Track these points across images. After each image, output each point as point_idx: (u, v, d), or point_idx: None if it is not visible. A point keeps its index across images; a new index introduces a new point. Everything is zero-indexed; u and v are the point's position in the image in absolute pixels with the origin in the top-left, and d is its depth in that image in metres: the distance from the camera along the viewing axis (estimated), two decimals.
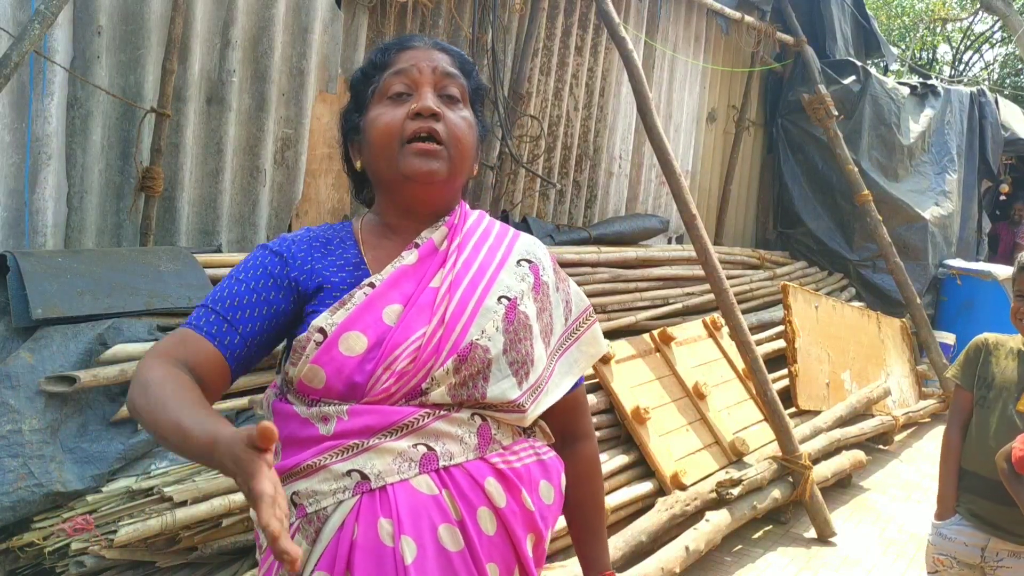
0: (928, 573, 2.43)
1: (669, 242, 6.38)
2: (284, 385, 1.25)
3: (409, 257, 1.26)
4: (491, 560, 1.20)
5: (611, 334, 4.43)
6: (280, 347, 1.31)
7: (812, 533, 4.02)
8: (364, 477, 1.16)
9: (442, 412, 1.20)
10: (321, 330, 1.18)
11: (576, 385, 1.41)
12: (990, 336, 2.35)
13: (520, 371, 1.25)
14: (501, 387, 1.23)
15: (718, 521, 3.56)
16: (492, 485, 1.21)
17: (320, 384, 1.18)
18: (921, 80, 8.36)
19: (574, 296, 1.43)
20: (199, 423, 1.00)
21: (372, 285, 1.22)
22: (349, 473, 1.16)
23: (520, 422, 1.28)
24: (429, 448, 1.19)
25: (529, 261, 1.35)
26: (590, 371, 3.83)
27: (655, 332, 4.38)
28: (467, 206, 1.38)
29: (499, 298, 1.27)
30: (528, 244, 1.39)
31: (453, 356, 1.20)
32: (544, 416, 1.36)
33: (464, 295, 1.24)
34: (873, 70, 7.36)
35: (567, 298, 1.41)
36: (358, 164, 1.33)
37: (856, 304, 6.45)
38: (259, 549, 1.29)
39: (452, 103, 1.28)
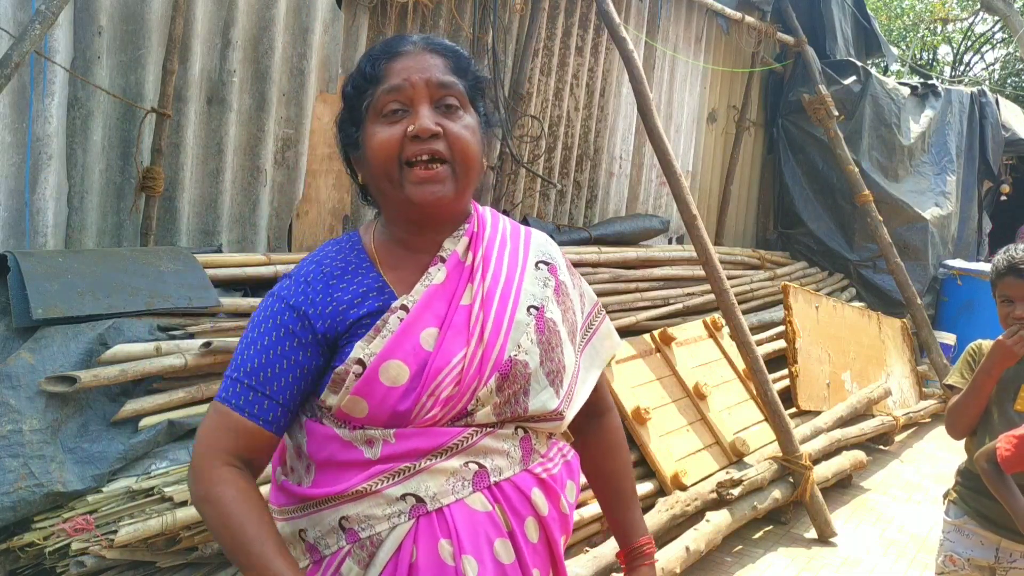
0: (936, 574, 2.42)
1: (670, 242, 6.38)
2: (318, 408, 1.21)
3: (438, 275, 1.22)
4: (535, 566, 1.23)
5: None
6: None
7: (812, 533, 4.02)
8: (419, 500, 1.16)
9: (487, 429, 1.20)
10: (359, 361, 1.16)
11: None
12: (983, 343, 2.37)
13: (556, 380, 1.25)
14: (541, 399, 1.23)
15: (718, 521, 3.56)
16: (537, 495, 1.23)
17: (362, 414, 1.17)
18: (922, 80, 8.36)
19: (586, 289, 1.43)
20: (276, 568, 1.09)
21: (405, 308, 1.19)
22: (403, 497, 1.16)
23: (558, 429, 1.29)
24: (480, 465, 1.19)
25: (547, 263, 1.33)
26: None
27: (655, 332, 4.38)
28: (480, 208, 1.34)
29: (528, 308, 1.25)
30: (541, 243, 1.37)
31: (495, 374, 1.19)
32: None
33: (498, 310, 1.22)
34: (874, 70, 7.36)
35: (581, 291, 1.41)
36: (360, 178, 1.29)
37: (856, 304, 6.45)
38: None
39: (451, 112, 1.22)
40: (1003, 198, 8.97)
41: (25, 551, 2.31)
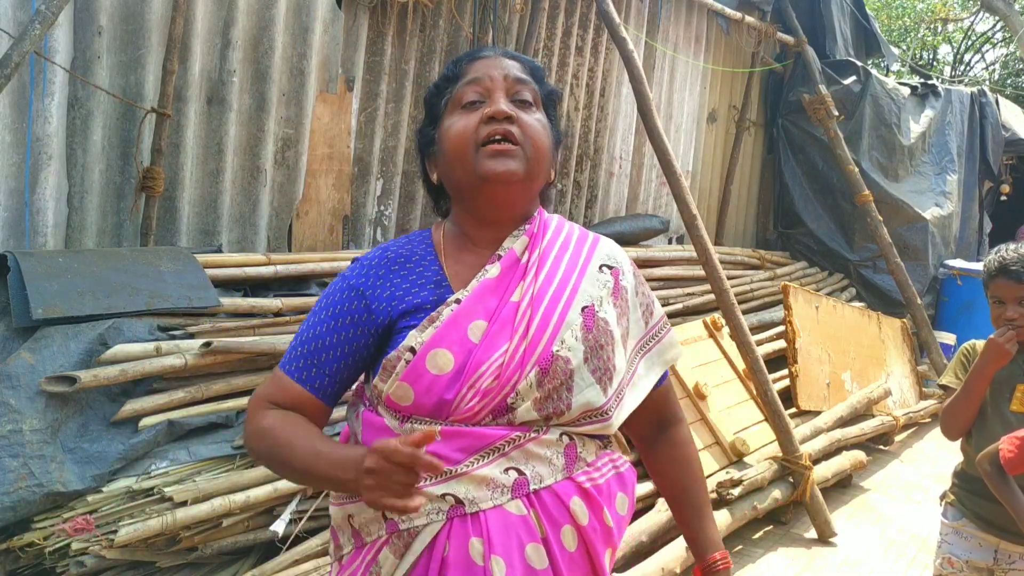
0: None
1: (670, 242, 6.38)
2: (374, 397, 1.26)
3: (492, 271, 1.26)
4: (572, 575, 1.22)
5: None
6: None
7: (812, 534, 4.02)
8: (459, 501, 1.19)
9: (532, 434, 1.21)
10: (411, 349, 1.20)
11: (662, 380, 1.43)
12: (976, 343, 2.36)
13: (604, 378, 1.25)
14: (586, 396, 1.23)
15: (718, 521, 3.56)
16: (577, 504, 1.23)
17: (408, 401, 1.20)
18: (922, 80, 8.36)
19: (655, 301, 1.44)
20: (336, 446, 1.17)
21: (458, 301, 1.23)
22: (444, 496, 1.19)
23: (605, 430, 1.28)
24: (520, 472, 1.21)
25: (610, 267, 1.35)
26: None
27: None
28: (545, 213, 1.38)
29: (582, 309, 1.27)
30: (609, 248, 1.39)
31: (535, 368, 1.21)
32: (636, 410, 1.36)
33: (547, 309, 1.25)
34: (874, 70, 7.36)
35: (647, 302, 1.41)
36: (435, 177, 1.34)
37: (856, 304, 6.45)
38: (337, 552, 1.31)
39: (525, 107, 1.29)
40: (1003, 198, 8.98)
41: (25, 551, 2.32)
